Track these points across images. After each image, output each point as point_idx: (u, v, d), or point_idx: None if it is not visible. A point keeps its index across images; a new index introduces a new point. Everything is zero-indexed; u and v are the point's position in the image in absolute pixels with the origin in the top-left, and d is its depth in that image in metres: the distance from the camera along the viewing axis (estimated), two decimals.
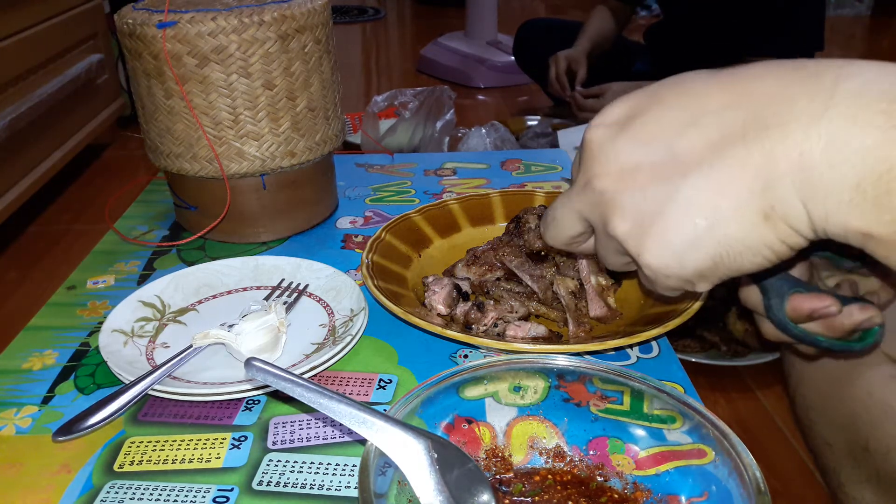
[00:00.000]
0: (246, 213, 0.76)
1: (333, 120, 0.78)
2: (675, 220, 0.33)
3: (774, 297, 0.41)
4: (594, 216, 0.37)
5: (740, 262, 0.33)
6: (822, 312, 0.39)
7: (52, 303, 0.68)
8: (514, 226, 0.68)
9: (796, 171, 0.30)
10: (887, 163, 0.28)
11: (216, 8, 0.69)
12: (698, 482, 0.39)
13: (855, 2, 4.24)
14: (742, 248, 0.32)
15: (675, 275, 0.35)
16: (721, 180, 0.31)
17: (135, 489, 0.46)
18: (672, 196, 0.33)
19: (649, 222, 0.34)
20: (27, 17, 1.77)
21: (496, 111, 2.73)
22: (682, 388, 0.54)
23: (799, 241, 0.32)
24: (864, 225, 0.29)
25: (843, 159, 0.28)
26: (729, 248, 0.32)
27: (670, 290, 0.37)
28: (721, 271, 0.34)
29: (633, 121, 0.35)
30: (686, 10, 1.92)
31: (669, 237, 0.33)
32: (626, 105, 0.36)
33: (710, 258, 0.33)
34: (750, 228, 0.32)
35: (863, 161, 0.28)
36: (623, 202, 0.35)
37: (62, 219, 1.96)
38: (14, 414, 0.53)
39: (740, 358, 1.33)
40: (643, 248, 0.34)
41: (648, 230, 0.34)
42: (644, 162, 0.34)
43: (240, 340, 0.55)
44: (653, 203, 0.33)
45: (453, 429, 0.43)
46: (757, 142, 0.31)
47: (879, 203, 0.28)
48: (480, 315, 0.59)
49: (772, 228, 0.31)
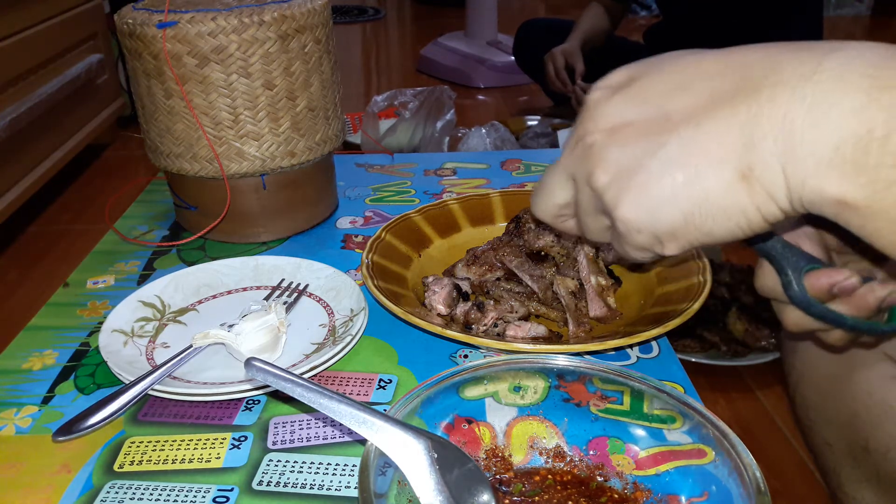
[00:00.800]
0: (246, 213, 0.76)
1: (333, 120, 0.78)
2: (655, 175, 0.33)
3: (792, 271, 0.39)
4: (580, 172, 0.37)
5: (711, 224, 0.33)
6: (843, 285, 0.38)
7: (52, 303, 0.68)
8: (514, 226, 0.68)
9: (778, 131, 0.30)
10: (868, 124, 0.28)
11: (216, 8, 0.69)
12: (698, 482, 0.39)
13: (855, 2, 4.24)
14: (715, 209, 0.32)
15: (647, 230, 0.35)
16: (705, 138, 0.32)
17: (135, 489, 0.46)
18: (655, 152, 0.33)
19: (629, 175, 0.34)
20: (27, 17, 1.77)
21: (496, 111, 2.73)
22: (682, 388, 0.54)
23: (774, 210, 0.31)
24: (840, 190, 0.29)
25: (825, 120, 0.29)
26: (702, 207, 0.33)
27: (639, 249, 0.37)
28: (691, 233, 0.34)
29: (630, 83, 0.36)
30: (685, 10, 1.92)
31: (646, 190, 0.34)
32: (626, 71, 0.37)
33: (682, 215, 0.33)
34: (726, 188, 0.32)
35: (845, 122, 0.28)
36: (607, 155, 0.35)
37: (62, 219, 1.96)
38: (14, 414, 0.53)
39: (740, 358, 1.33)
40: (619, 200, 0.35)
41: (628, 183, 0.34)
42: (635, 120, 0.35)
43: (240, 340, 0.55)
44: (636, 158, 0.34)
45: (453, 429, 0.43)
46: (744, 103, 0.31)
47: (857, 164, 0.28)
48: (480, 315, 0.59)
49: (748, 191, 0.31)
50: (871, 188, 0.28)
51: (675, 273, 0.63)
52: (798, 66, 0.30)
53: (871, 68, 0.28)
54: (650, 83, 0.35)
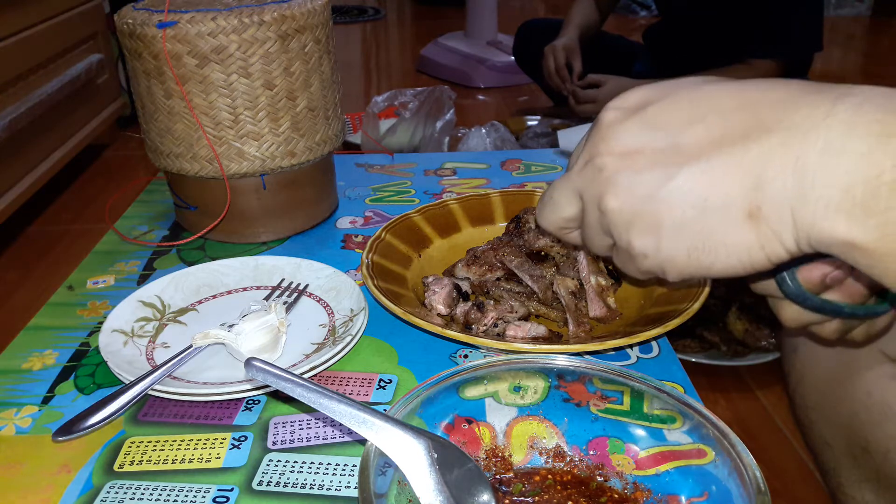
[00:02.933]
0: (246, 213, 0.76)
1: (333, 120, 0.78)
2: (664, 206, 0.34)
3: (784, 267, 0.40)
4: (589, 192, 0.38)
5: (713, 259, 0.34)
6: (834, 275, 0.39)
7: (52, 303, 0.68)
8: (514, 226, 0.69)
9: (789, 173, 0.30)
10: (877, 168, 0.28)
11: (216, 8, 0.69)
12: (698, 482, 0.39)
13: (855, 1, 4.24)
14: (719, 245, 0.33)
15: (652, 258, 0.36)
16: (715, 175, 0.33)
17: (135, 489, 0.46)
18: (666, 183, 0.34)
19: (640, 204, 0.35)
20: (27, 17, 1.77)
21: (496, 111, 2.73)
22: (682, 388, 0.54)
23: (778, 250, 0.32)
24: (849, 233, 0.29)
25: (836, 164, 0.29)
26: (706, 242, 0.34)
27: (642, 273, 0.38)
28: (692, 265, 0.35)
29: (645, 108, 0.36)
30: (685, 10, 1.92)
31: (655, 221, 0.35)
32: (642, 93, 0.38)
33: (685, 249, 0.34)
34: (732, 225, 0.32)
35: (855, 166, 0.29)
36: (619, 181, 0.36)
37: (62, 219, 1.96)
38: (14, 414, 0.53)
39: (740, 358, 1.33)
40: (629, 227, 0.36)
41: (638, 211, 0.35)
42: (647, 147, 0.35)
43: (240, 340, 0.55)
44: (647, 187, 0.35)
45: (453, 429, 0.43)
46: (756, 143, 0.32)
47: (867, 207, 0.29)
48: (480, 315, 0.59)
49: (754, 229, 0.32)
50: (881, 231, 0.29)
51: None
52: (811, 112, 0.31)
53: (880, 113, 0.29)
54: (664, 110, 0.36)
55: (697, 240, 0.34)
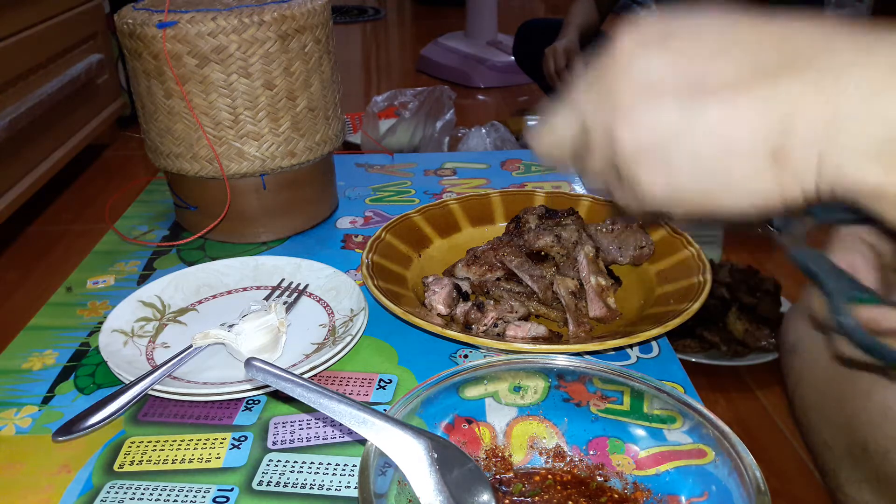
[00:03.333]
0: (246, 213, 0.76)
1: (333, 120, 0.78)
2: (682, 143, 0.32)
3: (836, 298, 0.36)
4: (598, 118, 0.36)
5: (726, 199, 0.32)
6: None
7: (52, 303, 0.68)
8: (514, 226, 0.68)
9: (820, 117, 0.29)
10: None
11: (216, 8, 0.69)
12: (698, 482, 0.39)
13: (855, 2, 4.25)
14: (736, 185, 0.32)
15: (660, 194, 0.34)
16: (740, 113, 0.31)
17: (135, 489, 0.46)
18: (686, 119, 0.32)
19: (655, 138, 0.33)
20: (27, 17, 1.77)
21: (496, 111, 2.73)
22: (682, 388, 0.54)
23: (797, 194, 0.31)
24: (882, 182, 0.28)
25: (874, 111, 0.28)
26: (722, 182, 0.32)
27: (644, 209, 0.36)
28: (703, 204, 0.33)
29: (666, 39, 0.34)
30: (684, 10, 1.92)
31: (669, 157, 0.33)
32: (659, 24, 0.35)
33: (698, 188, 0.33)
34: (753, 166, 0.31)
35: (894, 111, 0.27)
36: (635, 112, 0.34)
37: (62, 219, 1.96)
38: (14, 414, 0.53)
39: (740, 358, 1.33)
40: (639, 161, 0.34)
41: (652, 145, 0.33)
42: (669, 79, 0.33)
43: (240, 340, 0.55)
44: (665, 121, 0.33)
45: (453, 429, 0.43)
46: (787, 83, 0.30)
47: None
48: (480, 315, 0.59)
49: (776, 171, 0.30)
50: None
51: (675, 273, 0.63)
52: (846, 53, 0.29)
53: None
54: (688, 42, 0.33)
55: (713, 179, 0.32)
